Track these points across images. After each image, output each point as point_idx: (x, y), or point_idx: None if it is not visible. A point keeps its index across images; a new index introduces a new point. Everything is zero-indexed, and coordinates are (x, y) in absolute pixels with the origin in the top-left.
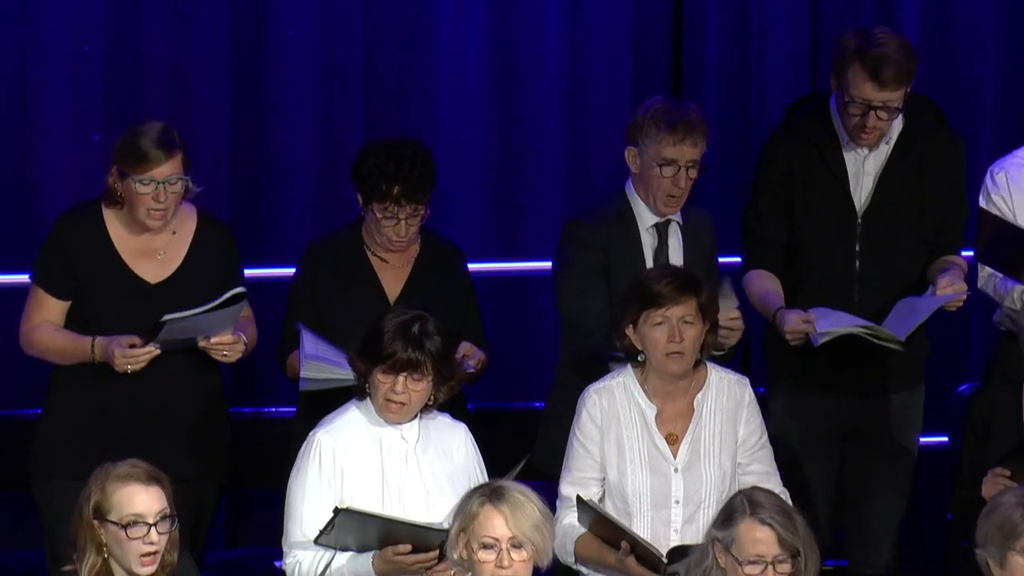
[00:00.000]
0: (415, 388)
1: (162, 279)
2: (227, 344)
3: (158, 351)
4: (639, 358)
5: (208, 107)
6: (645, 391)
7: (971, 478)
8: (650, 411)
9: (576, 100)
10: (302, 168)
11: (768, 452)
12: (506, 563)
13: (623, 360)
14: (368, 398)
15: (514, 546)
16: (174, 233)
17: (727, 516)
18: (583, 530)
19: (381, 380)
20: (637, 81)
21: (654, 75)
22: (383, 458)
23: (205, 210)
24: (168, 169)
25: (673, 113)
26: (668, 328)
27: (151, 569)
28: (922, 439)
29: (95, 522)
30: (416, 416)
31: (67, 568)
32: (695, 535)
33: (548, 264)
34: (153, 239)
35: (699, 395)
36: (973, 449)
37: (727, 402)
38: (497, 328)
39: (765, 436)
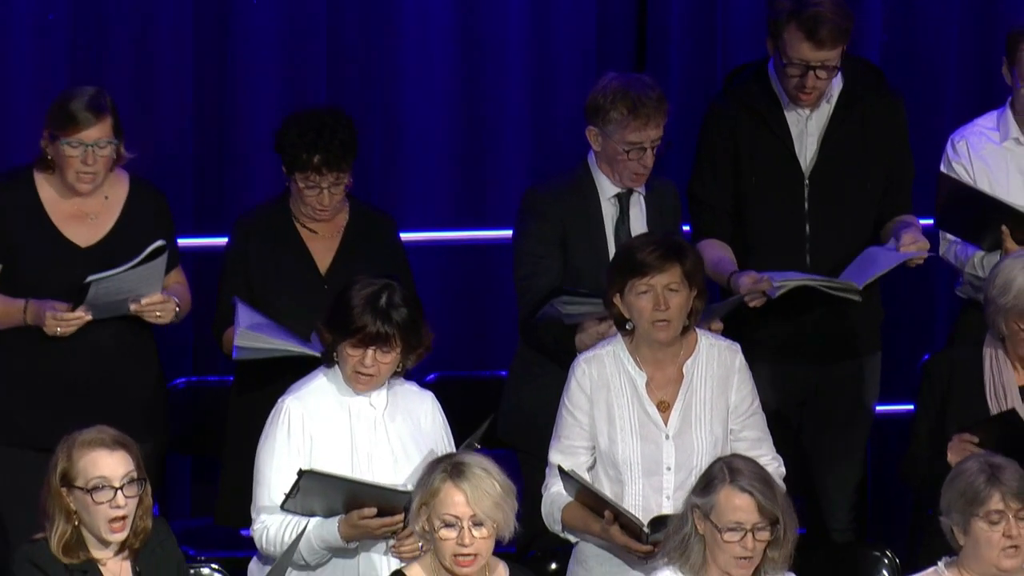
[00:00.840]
0: (384, 360)
1: (93, 243)
2: (157, 304)
3: (89, 316)
4: (627, 326)
5: (173, 77)
6: (635, 359)
7: (929, 440)
8: (640, 379)
9: (541, 68)
10: (267, 138)
11: (760, 418)
12: (467, 541)
13: (580, 305)
14: (336, 366)
15: (475, 524)
16: (106, 198)
17: (707, 483)
18: (570, 499)
19: (350, 353)
20: (602, 48)
21: (619, 42)
22: (352, 425)
23: (138, 176)
24: (97, 132)
25: (633, 96)
26: (653, 296)
27: (121, 535)
28: (887, 408)
29: (63, 490)
30: (384, 383)
31: (37, 536)
32: None
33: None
34: (85, 203)
35: (689, 362)
36: (931, 410)
37: (718, 368)
38: (463, 297)
39: (757, 402)
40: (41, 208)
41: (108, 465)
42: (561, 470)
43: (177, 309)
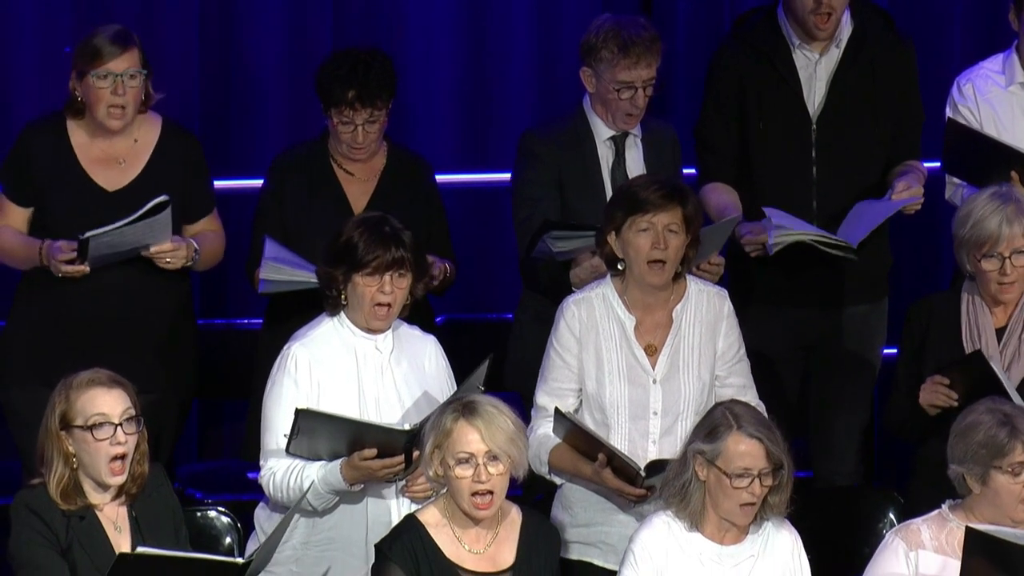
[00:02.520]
0: (400, 286)
1: (120, 187)
2: (167, 252)
3: (86, 269)
4: (619, 266)
5: (179, 19)
6: (624, 302)
7: (907, 384)
8: (629, 322)
9: (546, 11)
10: (273, 80)
11: (746, 365)
12: (484, 477)
13: (570, 239)
14: (340, 313)
15: (491, 459)
16: (136, 141)
17: (711, 429)
18: (557, 440)
19: (366, 285)
20: None
21: None
22: (359, 370)
23: (171, 120)
24: (124, 63)
25: (625, 35)
26: (653, 235)
27: (121, 478)
28: (894, 352)
29: (61, 432)
30: (389, 327)
31: (35, 481)
32: (673, 446)
33: None
34: (114, 146)
35: (678, 306)
36: (910, 355)
37: (706, 314)
38: (468, 240)
39: (743, 349)
40: (71, 152)
41: (107, 402)
42: (557, 411)
43: (196, 255)
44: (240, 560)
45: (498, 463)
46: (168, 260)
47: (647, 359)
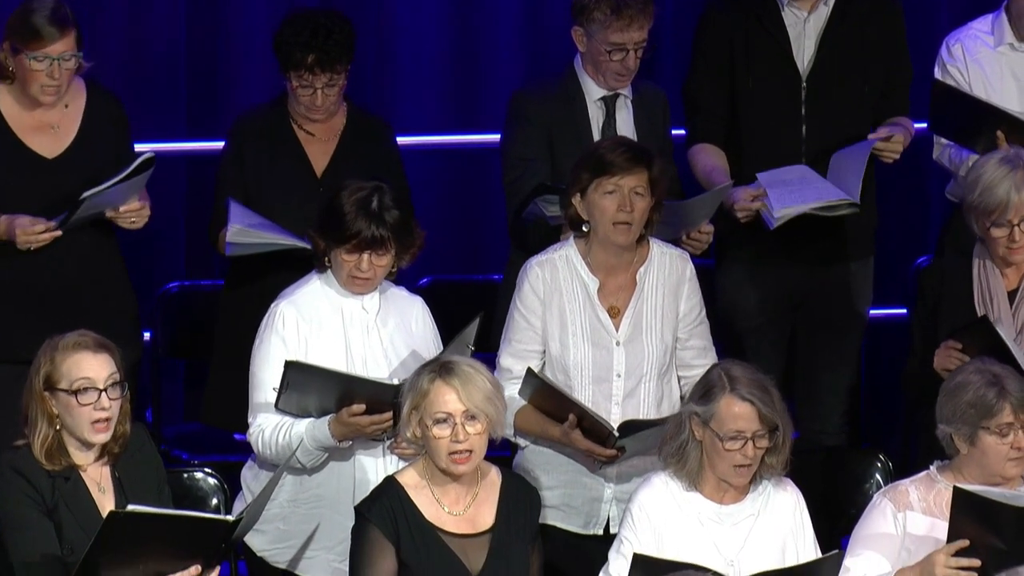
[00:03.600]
0: (379, 263)
1: (58, 153)
2: (135, 211)
3: (59, 232)
4: (583, 228)
5: None
6: (588, 264)
7: (922, 349)
8: (592, 284)
9: None
10: (260, 44)
11: (706, 327)
12: (461, 436)
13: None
14: (328, 270)
15: (468, 419)
16: (66, 106)
17: (705, 391)
18: (523, 402)
19: (345, 259)
20: None
21: None
22: (346, 329)
23: (94, 81)
24: (62, 46)
25: None
26: (619, 197)
27: (105, 436)
28: (880, 311)
29: (46, 394)
30: (378, 286)
31: (19, 442)
32: (636, 408)
33: None
34: (47, 113)
35: (641, 269)
36: (924, 321)
37: (669, 276)
38: (456, 201)
39: (703, 311)
40: (3, 121)
41: (92, 367)
42: (529, 371)
43: (148, 213)
44: (230, 518)
45: (476, 423)
46: (133, 220)
47: (610, 321)
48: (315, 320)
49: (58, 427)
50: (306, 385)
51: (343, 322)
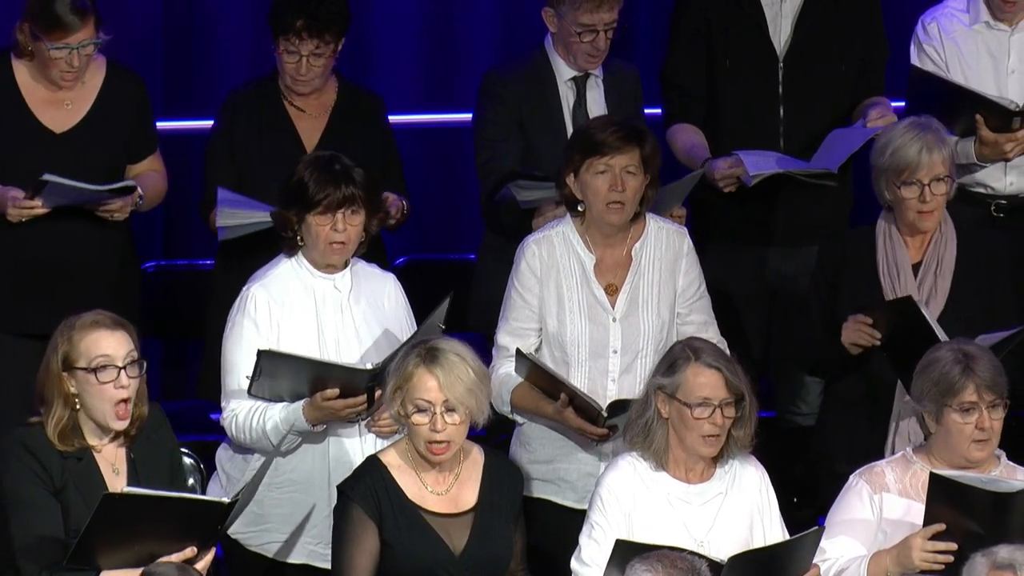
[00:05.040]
0: (353, 223)
1: (67, 128)
2: (115, 209)
3: (43, 208)
4: (579, 207)
5: None
6: (584, 241)
7: (821, 322)
8: (589, 261)
9: None
10: (236, 20)
11: (706, 302)
12: (439, 426)
13: (535, 189)
14: (298, 253)
15: (447, 410)
16: (83, 83)
17: (670, 364)
18: (519, 380)
19: (320, 224)
20: None
21: None
22: (318, 309)
23: (116, 60)
24: (83, 35)
25: None
26: (611, 177)
27: (125, 423)
28: None
29: (64, 374)
30: (347, 266)
31: (33, 420)
32: (632, 385)
33: None
34: (59, 90)
35: (638, 245)
36: (822, 293)
37: (666, 252)
38: (432, 179)
39: (703, 286)
40: (18, 93)
41: (110, 345)
42: (519, 351)
43: (140, 200)
44: (225, 499)
45: (455, 414)
46: (115, 214)
47: (607, 298)
48: (287, 302)
49: (75, 407)
50: (279, 372)
51: (315, 303)
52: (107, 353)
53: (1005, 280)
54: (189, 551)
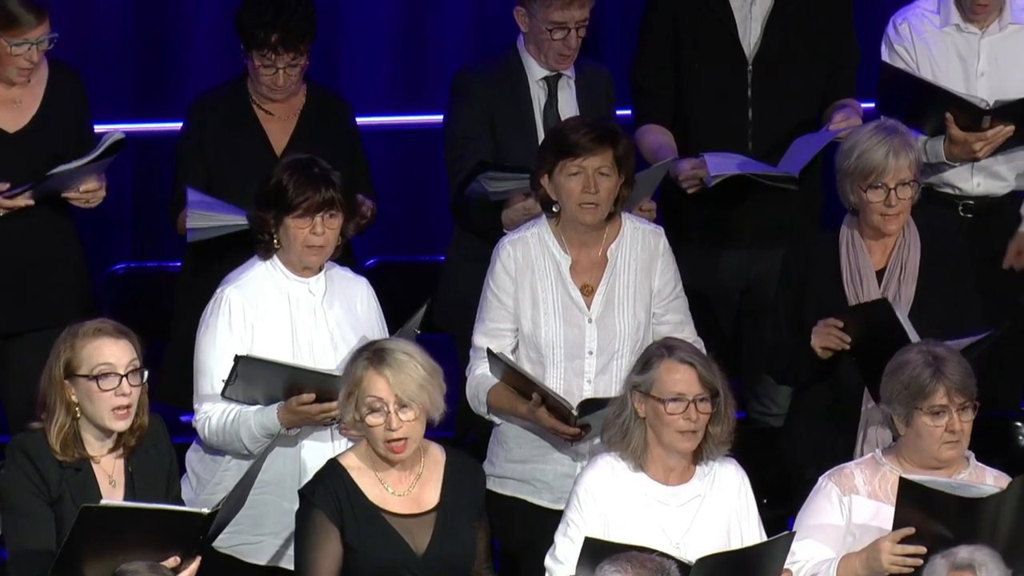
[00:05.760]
0: (331, 226)
1: (20, 127)
2: (92, 191)
3: (31, 202)
4: (553, 208)
5: None
6: (559, 242)
7: (788, 328)
8: (564, 262)
9: None
10: (208, 24)
11: (683, 302)
12: (395, 424)
13: (504, 180)
14: (275, 254)
15: (400, 407)
16: (29, 81)
17: (644, 362)
18: (496, 380)
19: (298, 227)
20: None
21: None
22: (292, 312)
23: (55, 57)
24: (41, 31)
25: None
26: (583, 178)
27: (125, 423)
28: None
29: (65, 381)
30: (321, 269)
31: (35, 425)
32: (608, 385)
33: None
34: (9, 89)
35: (613, 245)
36: (788, 298)
37: (641, 252)
38: (402, 181)
39: (680, 286)
40: None
41: (113, 353)
42: (490, 352)
43: (104, 194)
44: (205, 510)
45: (408, 410)
46: (88, 200)
47: (582, 299)
48: (261, 304)
49: (76, 415)
50: (255, 377)
51: (289, 306)
52: (109, 361)
53: (969, 285)
54: (172, 560)
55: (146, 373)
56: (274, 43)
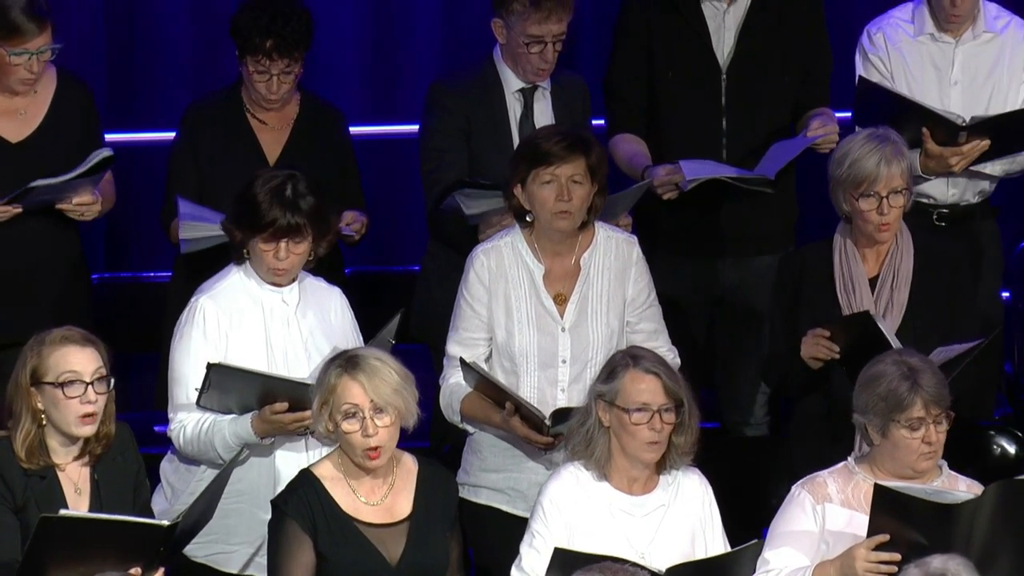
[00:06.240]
0: (296, 251)
1: (23, 138)
2: (87, 204)
3: (19, 210)
4: (527, 218)
5: None
6: (533, 251)
7: (784, 336)
8: (538, 271)
9: None
10: (179, 33)
11: (657, 310)
12: (371, 431)
13: (481, 199)
14: (247, 262)
15: (376, 412)
16: (35, 92)
17: (609, 372)
18: (469, 389)
19: (263, 248)
20: None
21: None
22: (266, 322)
23: (64, 68)
24: (42, 40)
25: None
26: (557, 187)
27: (91, 429)
28: None
29: (32, 388)
30: (294, 280)
31: (0, 433)
32: (581, 394)
33: None
34: (14, 98)
35: (587, 254)
36: (784, 309)
37: (615, 261)
38: (376, 192)
39: (654, 294)
40: None
41: (79, 361)
42: (463, 362)
43: (100, 208)
44: (165, 522)
45: (384, 415)
46: (83, 214)
47: (556, 308)
48: (235, 314)
49: (42, 423)
50: (229, 385)
51: (263, 315)
52: (75, 369)
53: (965, 292)
54: (134, 571)
55: (112, 381)
56: (269, 49)
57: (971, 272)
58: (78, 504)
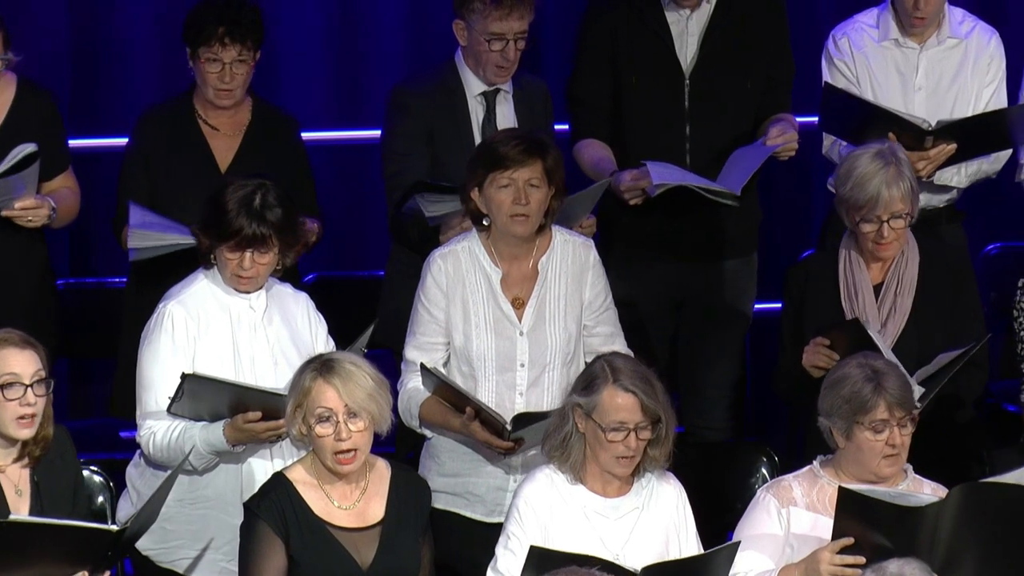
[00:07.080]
0: (261, 261)
1: None
2: (31, 209)
3: None
4: (484, 222)
5: None
6: (490, 255)
7: (791, 347)
8: (495, 275)
9: None
10: (142, 38)
11: (613, 313)
12: (344, 435)
13: (442, 202)
14: (215, 268)
15: (350, 416)
16: None
17: (588, 382)
18: (427, 394)
19: (228, 257)
20: None
21: None
22: (233, 328)
23: (27, 78)
24: None
25: None
26: (514, 190)
27: (29, 432)
28: (765, 306)
29: None
30: (261, 287)
31: None
32: (540, 398)
33: None
34: None
35: (544, 258)
36: (791, 318)
37: (572, 264)
38: (339, 197)
39: (610, 298)
40: None
41: (19, 363)
42: (422, 366)
43: (52, 213)
44: (114, 527)
45: (358, 420)
46: (30, 219)
47: (514, 312)
48: (203, 319)
49: None
50: (201, 394)
51: (230, 322)
52: (14, 371)
53: (969, 296)
54: (82, 575)
55: (52, 383)
56: (220, 35)
57: (974, 276)
58: (19, 505)
